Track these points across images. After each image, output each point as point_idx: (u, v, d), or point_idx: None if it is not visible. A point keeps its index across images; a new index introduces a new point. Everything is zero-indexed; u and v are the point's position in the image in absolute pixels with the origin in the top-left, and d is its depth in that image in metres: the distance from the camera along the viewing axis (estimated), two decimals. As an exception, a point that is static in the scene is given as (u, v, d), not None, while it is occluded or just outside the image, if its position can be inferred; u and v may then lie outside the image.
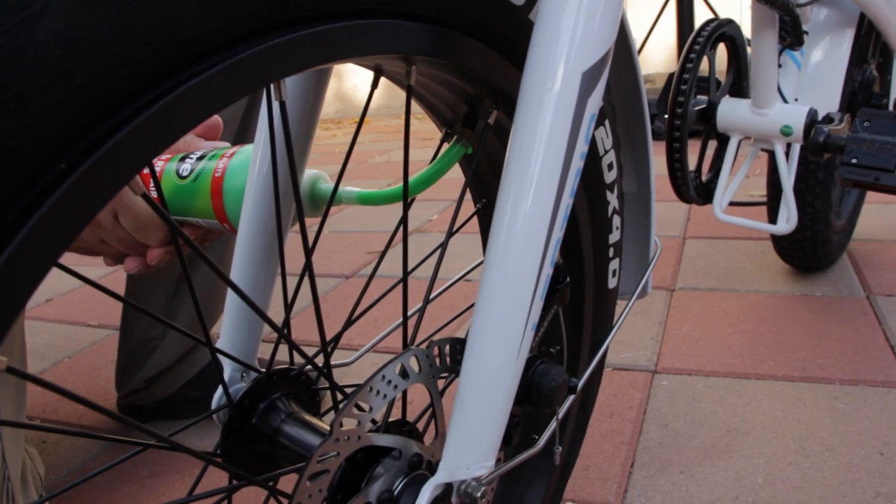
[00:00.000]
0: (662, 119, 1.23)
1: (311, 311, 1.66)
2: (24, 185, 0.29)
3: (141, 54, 0.31)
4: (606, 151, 0.66)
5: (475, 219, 0.70)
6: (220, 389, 0.57)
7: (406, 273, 0.54)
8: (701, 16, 3.88)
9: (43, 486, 0.95)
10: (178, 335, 1.18)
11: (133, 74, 0.31)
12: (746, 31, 1.21)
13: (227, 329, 0.60)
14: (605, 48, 0.46)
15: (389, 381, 0.48)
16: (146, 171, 0.73)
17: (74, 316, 1.77)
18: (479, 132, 0.57)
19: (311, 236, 0.49)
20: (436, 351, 0.51)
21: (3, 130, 0.27)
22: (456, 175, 0.60)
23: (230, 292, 0.60)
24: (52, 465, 1.14)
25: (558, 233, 0.47)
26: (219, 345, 0.59)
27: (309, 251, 0.49)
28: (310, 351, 0.56)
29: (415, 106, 0.57)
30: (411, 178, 0.59)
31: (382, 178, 3.17)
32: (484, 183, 0.67)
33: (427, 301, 0.55)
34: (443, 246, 0.55)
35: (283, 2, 0.36)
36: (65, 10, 0.28)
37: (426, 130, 4.05)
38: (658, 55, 4.54)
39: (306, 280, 0.50)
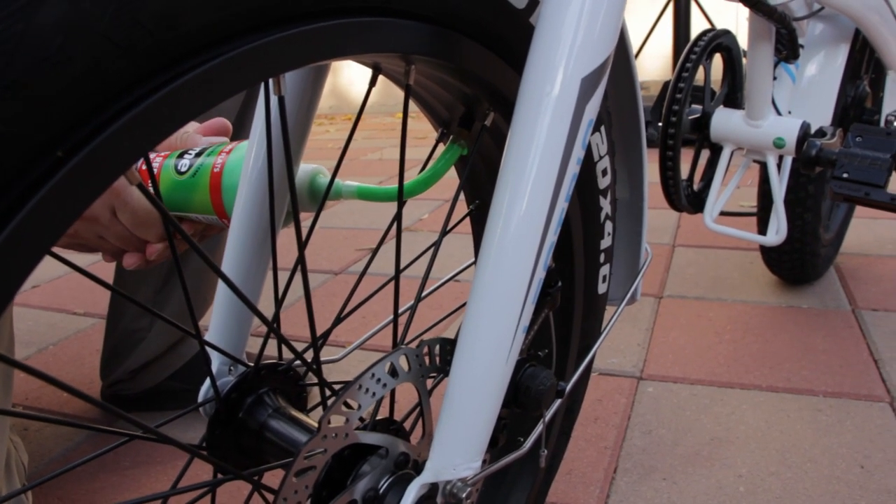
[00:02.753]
0: (656, 127, 1.24)
1: (298, 307, 1.65)
2: (20, 172, 0.29)
3: (142, 44, 0.31)
4: (601, 157, 0.66)
5: (466, 219, 0.70)
6: (207, 382, 0.57)
7: (398, 271, 0.54)
8: (697, 25, 3.90)
9: (26, 475, 0.95)
10: (165, 327, 1.18)
11: (133, 64, 0.31)
12: (743, 42, 1.22)
13: (217, 322, 0.60)
14: (604, 55, 0.46)
15: (379, 380, 0.48)
16: (144, 167, 0.73)
17: (60, 303, 1.75)
18: (475, 133, 0.57)
19: (302, 233, 0.49)
20: (425, 350, 0.51)
21: (1, 116, 0.27)
22: (448, 175, 0.60)
23: (221, 285, 0.60)
24: (34, 454, 1.13)
25: (552, 237, 0.47)
26: (207, 338, 0.59)
27: (302, 246, 0.49)
28: (298, 346, 0.56)
29: (411, 105, 0.57)
30: (409, 180, 0.59)
31: (374, 175, 3.16)
32: (478, 184, 0.67)
33: (419, 299, 0.55)
34: (436, 245, 0.55)
35: (286, -3, 0.36)
36: (68, -3, 0.28)
37: (419, 129, 4.05)
38: (653, 63, 4.56)
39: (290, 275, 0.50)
